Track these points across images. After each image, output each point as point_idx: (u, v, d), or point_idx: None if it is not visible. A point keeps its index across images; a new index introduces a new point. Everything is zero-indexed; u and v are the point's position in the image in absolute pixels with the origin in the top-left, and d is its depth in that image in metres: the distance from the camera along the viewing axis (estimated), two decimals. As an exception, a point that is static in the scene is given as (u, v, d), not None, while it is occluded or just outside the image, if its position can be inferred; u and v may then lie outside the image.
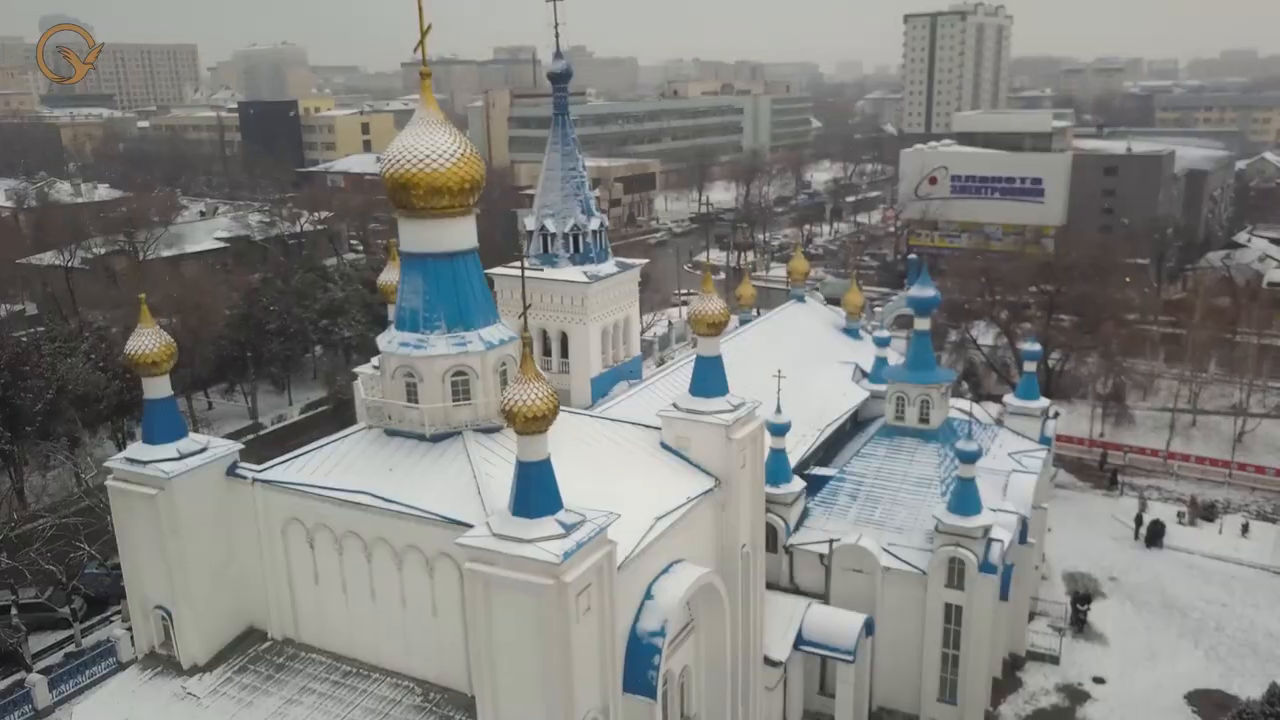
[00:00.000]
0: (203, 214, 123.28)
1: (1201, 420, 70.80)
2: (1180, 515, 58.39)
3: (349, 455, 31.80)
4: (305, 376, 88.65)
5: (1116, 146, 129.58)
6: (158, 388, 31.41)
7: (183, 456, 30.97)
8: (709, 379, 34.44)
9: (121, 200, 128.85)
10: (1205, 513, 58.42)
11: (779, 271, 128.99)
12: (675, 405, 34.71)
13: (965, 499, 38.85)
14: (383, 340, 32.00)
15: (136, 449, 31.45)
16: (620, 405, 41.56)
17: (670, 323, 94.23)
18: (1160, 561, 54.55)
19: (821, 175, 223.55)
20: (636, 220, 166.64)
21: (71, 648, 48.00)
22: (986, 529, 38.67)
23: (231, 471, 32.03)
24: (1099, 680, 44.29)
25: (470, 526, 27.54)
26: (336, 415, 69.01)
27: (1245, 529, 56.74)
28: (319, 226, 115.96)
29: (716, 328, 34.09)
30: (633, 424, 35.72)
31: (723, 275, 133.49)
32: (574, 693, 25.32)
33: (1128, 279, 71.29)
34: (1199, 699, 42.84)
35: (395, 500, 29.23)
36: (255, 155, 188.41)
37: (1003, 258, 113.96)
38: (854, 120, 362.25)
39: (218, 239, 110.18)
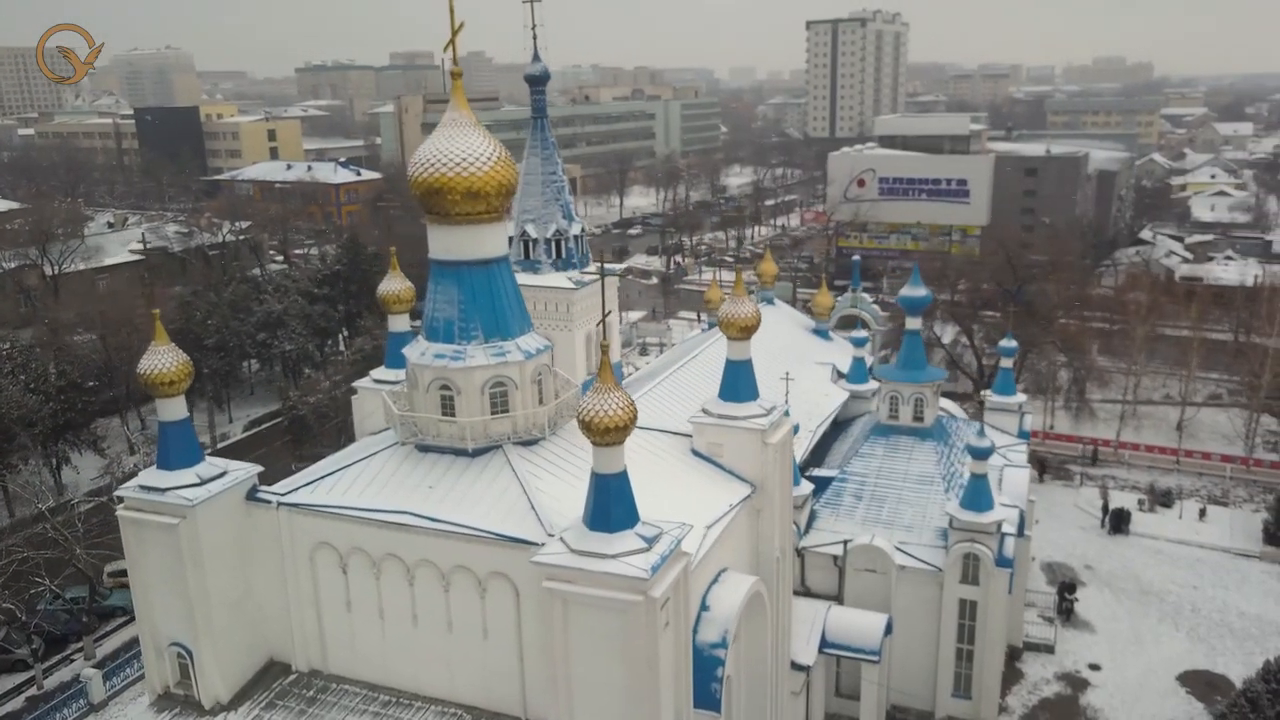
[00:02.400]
0: (110, 225, 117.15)
1: (1143, 410, 73.63)
2: (1140, 503, 60.51)
3: (380, 474, 30.26)
4: (242, 392, 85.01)
5: (1029, 148, 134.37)
6: (173, 409, 29.41)
7: (203, 482, 29.07)
8: (740, 383, 34.02)
9: (18, 212, 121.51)
10: (1163, 499, 60.67)
11: (710, 275, 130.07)
12: (705, 411, 34.19)
13: (978, 495, 39.32)
14: (413, 352, 30.57)
15: (150, 475, 29.36)
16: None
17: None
18: (1129, 549, 56.38)
19: (734, 180, 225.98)
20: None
21: (34, 691, 44.69)
22: (999, 524, 39.20)
23: (252, 496, 30.18)
24: (1095, 667, 45.43)
25: (530, 544, 26.59)
26: (291, 431, 66.22)
27: (1203, 514, 59.11)
28: (241, 237, 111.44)
29: (748, 331, 33.72)
30: (661, 431, 35.05)
31: (655, 280, 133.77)
32: (660, 712, 24.52)
33: (1072, 277, 73.71)
34: (1190, 680, 44.31)
35: (443, 519, 27.91)
36: (155, 163, 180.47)
37: (930, 257, 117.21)
38: (757, 125, 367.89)
39: (133, 251, 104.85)
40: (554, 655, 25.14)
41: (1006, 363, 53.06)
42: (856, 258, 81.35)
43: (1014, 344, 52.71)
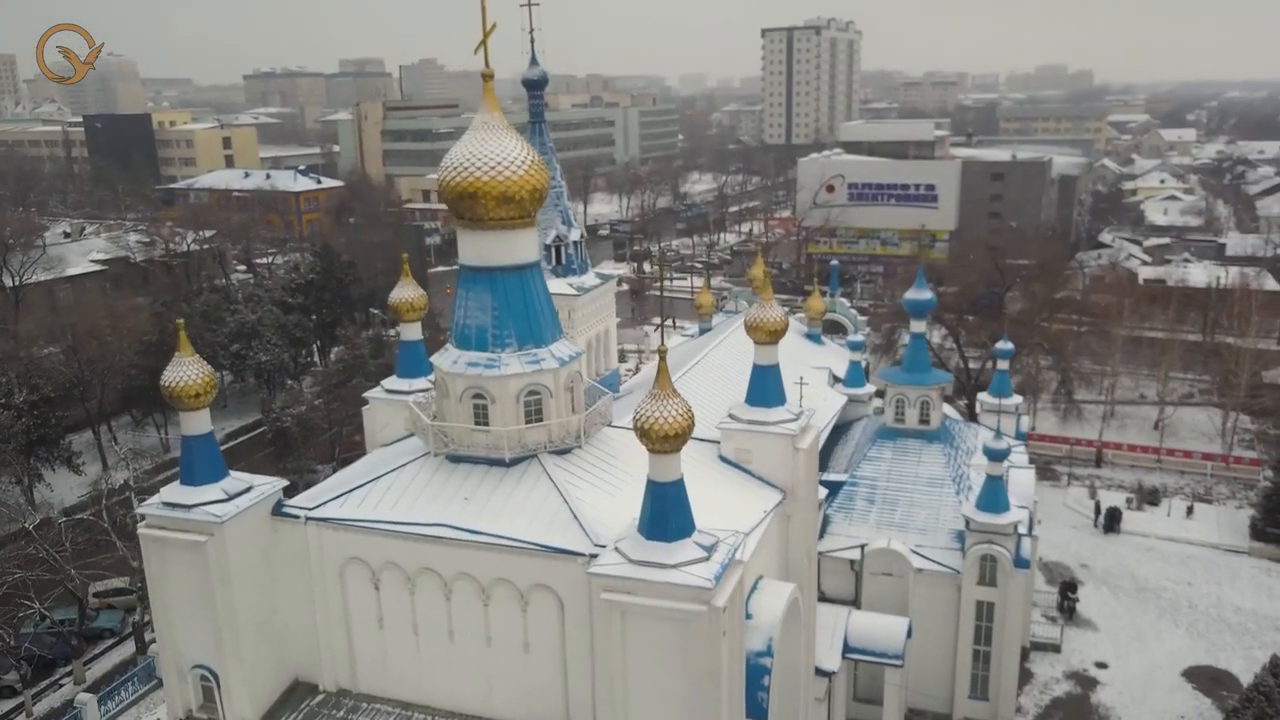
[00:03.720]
0: (67, 235, 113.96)
1: (1120, 410, 74.79)
2: (1129, 501, 61.37)
3: (411, 486, 29.47)
4: (216, 405, 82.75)
5: (990, 154, 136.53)
6: (197, 422, 28.38)
7: (230, 497, 28.08)
8: (768, 388, 33.72)
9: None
10: (1150, 498, 61.60)
11: (681, 282, 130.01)
12: (733, 417, 33.87)
13: (995, 497, 39.48)
14: (444, 360, 29.83)
15: (174, 491, 28.29)
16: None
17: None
18: (1121, 546, 57.13)
19: (695, 187, 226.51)
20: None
21: (22, 718, 42.94)
22: (1016, 525, 39.39)
23: (278, 511, 29.23)
24: (1101, 665, 45.86)
25: (577, 555, 26.09)
26: (275, 444, 64.68)
27: (1190, 511, 60.13)
28: (205, 246, 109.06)
29: (776, 335, 33.46)
30: (694, 440, 34.52)
31: (625, 287, 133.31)
32: (721, 722, 24.11)
33: (1059, 280, 74.78)
34: (1196, 675, 44.90)
35: (484, 532, 27.23)
36: (106, 172, 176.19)
37: (902, 261, 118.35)
38: (712, 132, 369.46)
39: (94, 261, 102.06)
40: (610, 668, 24.61)
41: (1002, 364, 53.48)
42: (835, 263, 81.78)
43: (1010, 346, 53.20)
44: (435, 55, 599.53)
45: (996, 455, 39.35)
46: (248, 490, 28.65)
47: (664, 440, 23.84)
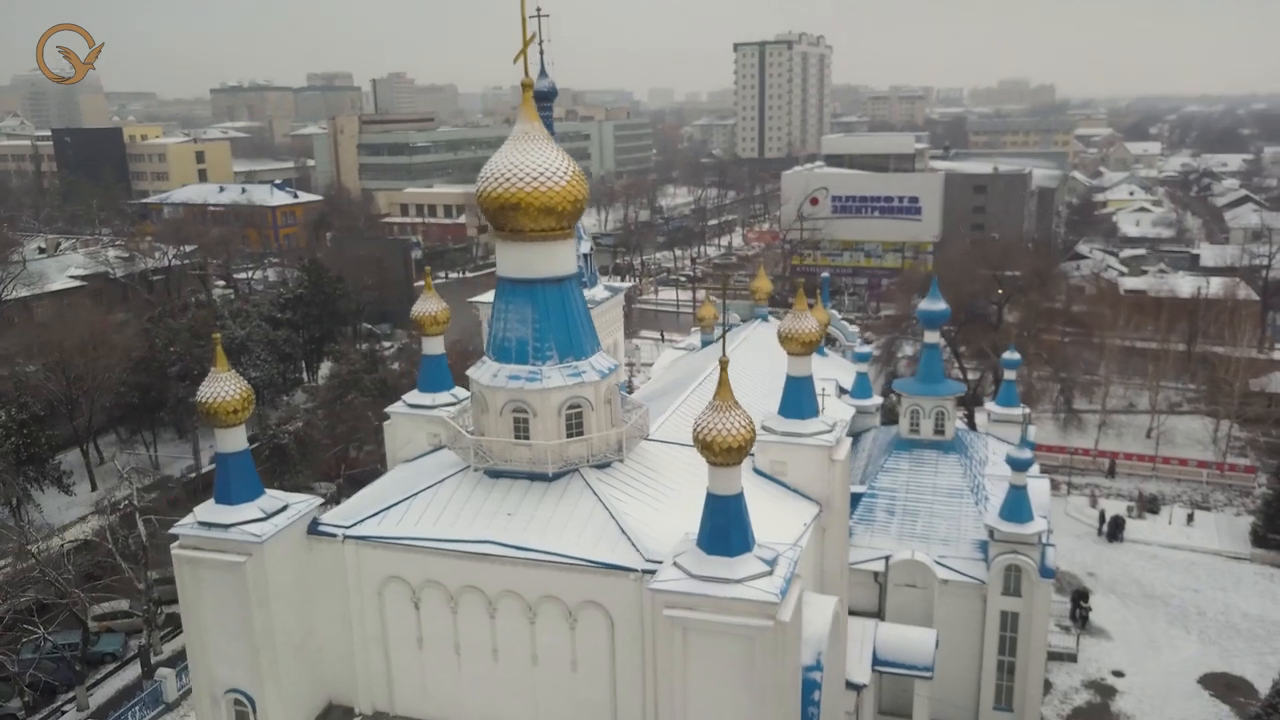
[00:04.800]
0: (42, 250, 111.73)
1: (1112, 419, 75.45)
2: (1129, 509, 61.82)
3: (451, 502, 28.90)
4: (199, 422, 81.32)
5: (967, 166, 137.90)
6: (233, 439, 27.65)
7: (267, 516, 27.37)
8: (801, 400, 33.55)
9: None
10: (1150, 506, 62.10)
11: (667, 294, 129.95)
12: (767, 428, 33.58)
13: (1019, 506, 39.48)
14: (483, 374, 29.33)
15: (209, 510, 27.52)
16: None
17: None
18: (1125, 555, 57.49)
19: (670, 201, 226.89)
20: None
21: (27, 747, 41.69)
22: (1040, 534, 39.43)
23: (313, 529, 28.55)
24: (1118, 674, 46.02)
25: (629, 570, 25.71)
26: (271, 461, 63.51)
27: (1190, 518, 60.66)
28: (185, 261, 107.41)
29: (809, 346, 33.32)
30: (721, 451, 34.25)
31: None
32: (785, 739, 23.75)
33: (1056, 290, 75.49)
34: (1211, 682, 45.18)
35: (531, 548, 26.73)
36: (76, 186, 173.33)
37: (887, 273, 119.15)
38: (683, 146, 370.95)
39: (73, 276, 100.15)
40: (669, 685, 24.16)
41: (1009, 375, 53.59)
42: (825, 275, 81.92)
43: (1017, 356, 53.41)
44: (404, 69, 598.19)
45: (1020, 465, 39.38)
46: (284, 508, 27.97)
47: (727, 453, 23.55)
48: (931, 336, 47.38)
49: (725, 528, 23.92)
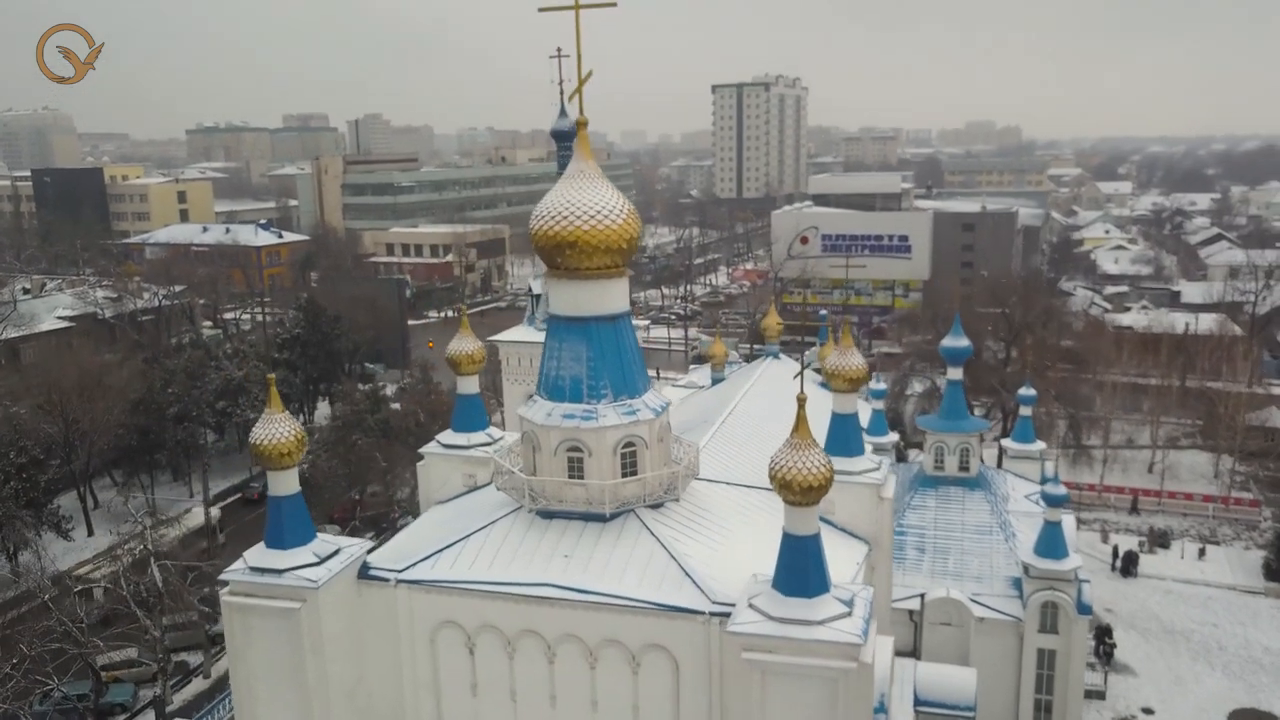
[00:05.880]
0: (26, 291, 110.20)
1: (1113, 454, 75.87)
2: (1141, 544, 61.95)
3: (504, 544, 28.34)
4: (196, 465, 79.89)
5: (951, 205, 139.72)
6: (285, 482, 27.03)
7: (321, 560, 26.70)
8: (848, 437, 33.35)
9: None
10: (1161, 540, 62.29)
11: (658, 332, 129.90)
12: (813, 466, 33.27)
13: (1054, 542, 39.43)
14: (536, 413, 28.88)
15: (259, 555, 26.81)
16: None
17: None
18: (1140, 590, 57.53)
19: (651, 240, 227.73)
20: (492, 286, 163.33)
21: (38, 804, 40.15)
22: (1076, 570, 39.33)
23: (364, 574, 27.88)
24: (1148, 711, 45.83)
25: (696, 613, 25.25)
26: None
27: (1202, 553, 60.86)
28: (174, 301, 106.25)
29: (855, 383, 33.28)
30: (768, 490, 33.85)
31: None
32: (866, 784, 23.25)
33: (1064, 327, 76.25)
34: (1241, 718, 44.97)
35: (593, 590, 26.21)
36: (56, 226, 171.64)
37: (878, 311, 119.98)
38: (661, 187, 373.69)
39: (61, 317, 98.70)
40: (746, 730, 23.65)
41: (1026, 411, 53.80)
42: (824, 312, 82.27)
43: (1033, 393, 53.64)
44: (379, 110, 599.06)
45: (1055, 501, 39.41)
46: (337, 552, 27.31)
47: (806, 492, 23.29)
48: (954, 373, 47.47)
49: (803, 568, 23.59)
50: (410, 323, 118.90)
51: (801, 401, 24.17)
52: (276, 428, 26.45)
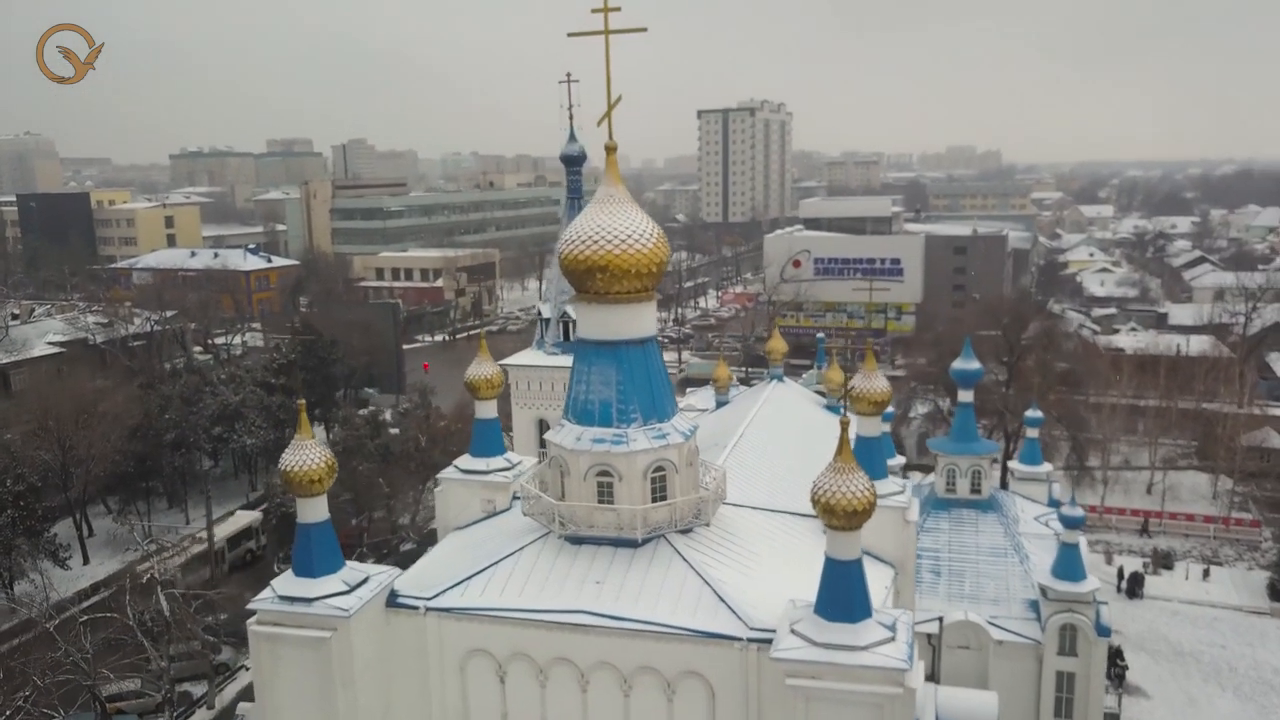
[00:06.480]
0: (15, 316, 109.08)
1: (1112, 475, 76.15)
2: (1145, 565, 62.09)
3: (534, 570, 28.06)
4: (195, 491, 79.03)
5: (940, 229, 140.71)
6: (314, 509, 26.80)
7: (351, 588, 26.37)
8: (873, 460, 33.16)
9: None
10: (1165, 561, 62.44)
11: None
12: (837, 490, 33.18)
13: (1071, 564, 39.38)
14: (564, 437, 28.70)
15: (287, 583, 26.44)
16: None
17: None
18: (1146, 611, 57.57)
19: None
20: (483, 310, 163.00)
21: (42, 841, 39.24)
22: (1094, 592, 39.29)
23: (392, 601, 27.53)
24: (1164, 733, 45.66)
25: (733, 639, 25.06)
26: (279, 531, 61.72)
27: (1206, 574, 61.02)
28: (165, 327, 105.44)
29: (880, 406, 33.24)
30: (789, 513, 33.85)
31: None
32: (911, 812, 23.02)
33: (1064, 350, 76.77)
34: (1257, 741, 44.99)
35: (628, 617, 25.96)
36: (41, 251, 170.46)
37: (872, 334, 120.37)
38: (646, 211, 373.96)
39: (51, 343, 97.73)
40: (789, 759, 23.38)
41: (1032, 433, 53.92)
42: (821, 335, 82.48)
43: (1040, 414, 53.81)
44: (363, 135, 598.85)
45: (1073, 522, 39.43)
46: (366, 580, 26.99)
47: (850, 516, 23.18)
48: (965, 395, 47.55)
49: (847, 593, 23.45)
50: (408, 346, 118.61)
51: (845, 425, 24.09)
52: (306, 454, 26.20)
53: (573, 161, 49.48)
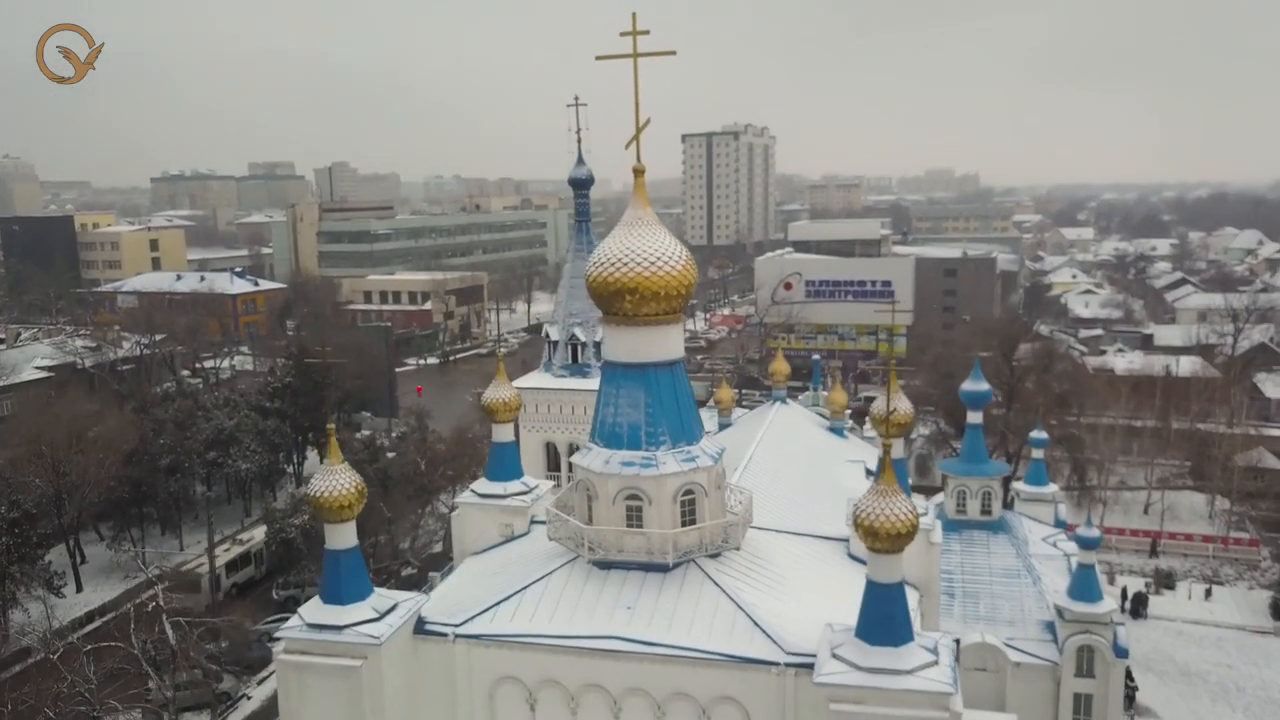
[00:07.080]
0: (1, 340, 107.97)
1: (1109, 496, 76.44)
2: (1147, 585, 62.19)
3: (563, 595, 27.78)
4: (189, 516, 78.00)
5: (927, 251, 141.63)
6: (343, 536, 26.38)
7: (381, 615, 25.98)
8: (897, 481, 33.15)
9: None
10: (1166, 581, 62.58)
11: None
12: (860, 512, 33.09)
13: (1087, 585, 39.33)
14: (592, 461, 28.49)
15: (315, 611, 26.03)
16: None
17: None
18: (1152, 631, 57.58)
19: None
20: (472, 333, 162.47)
21: None
22: (1111, 613, 39.25)
23: (420, 629, 27.15)
24: (1176, 755, 45.56)
25: (769, 664, 24.87)
26: (282, 556, 60.91)
27: (1208, 593, 61.19)
28: (154, 351, 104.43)
29: (903, 428, 33.19)
30: (812, 536, 33.74)
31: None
32: (954, 838, 22.78)
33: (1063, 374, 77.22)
34: (1269, 761, 44.96)
35: (662, 643, 25.69)
36: (23, 275, 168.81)
37: (863, 355, 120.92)
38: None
39: (39, 367, 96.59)
40: (832, 785, 23.11)
41: (1038, 454, 54.12)
42: (817, 357, 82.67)
43: (1045, 435, 54.00)
44: (345, 158, 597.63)
45: (1088, 543, 39.41)
46: (395, 607, 26.61)
47: (893, 539, 23.09)
48: (974, 417, 47.61)
49: (889, 616, 23.31)
50: (399, 369, 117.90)
51: (888, 448, 24.00)
52: (336, 479, 25.85)
53: (580, 185, 49.46)
